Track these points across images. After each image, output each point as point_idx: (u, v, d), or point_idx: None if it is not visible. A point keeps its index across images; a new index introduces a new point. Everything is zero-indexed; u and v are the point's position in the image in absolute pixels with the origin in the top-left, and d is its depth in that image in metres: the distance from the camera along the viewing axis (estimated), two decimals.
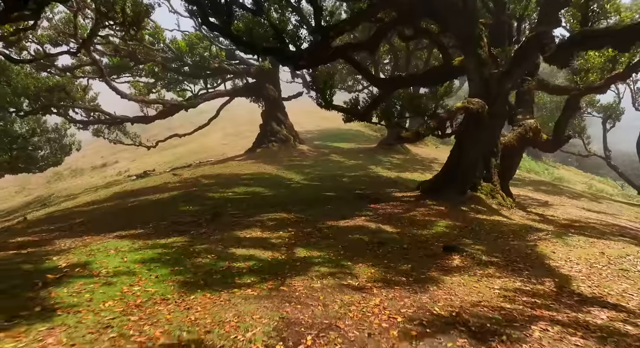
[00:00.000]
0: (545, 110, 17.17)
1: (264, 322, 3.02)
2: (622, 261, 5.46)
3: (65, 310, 3.03)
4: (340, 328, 3.03)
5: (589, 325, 3.32)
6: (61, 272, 3.93)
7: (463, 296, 3.92)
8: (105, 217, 8.71)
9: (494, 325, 3.22)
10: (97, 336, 2.66)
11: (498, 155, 9.90)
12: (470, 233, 6.72)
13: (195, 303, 3.37)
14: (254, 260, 4.76)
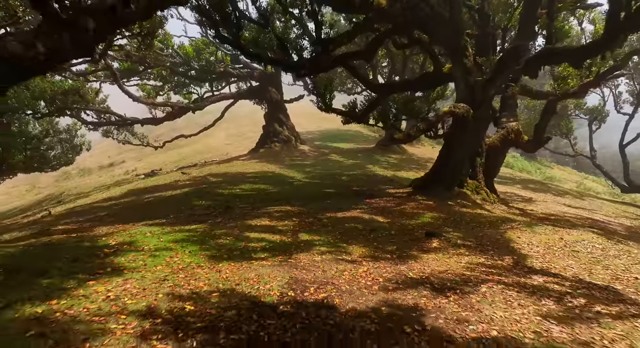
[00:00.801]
0: (533, 112, 18.18)
1: (278, 279, 4.06)
2: (576, 245, 6.49)
3: (129, 270, 4.07)
4: (335, 284, 4.07)
5: (526, 285, 4.35)
6: (113, 248, 4.97)
7: (434, 267, 4.96)
8: (126, 211, 9.76)
9: (453, 284, 4.26)
10: (158, 284, 3.70)
11: (483, 155, 10.93)
12: (451, 223, 7.75)
13: (223, 268, 4.41)
14: (265, 242, 5.80)
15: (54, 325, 2.77)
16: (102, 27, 3.07)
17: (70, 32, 2.82)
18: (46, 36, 2.71)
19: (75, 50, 2.93)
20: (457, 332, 3.08)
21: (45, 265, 4.07)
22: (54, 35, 2.72)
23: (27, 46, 2.59)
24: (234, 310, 3.26)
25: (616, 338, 3.07)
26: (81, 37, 2.91)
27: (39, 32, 2.70)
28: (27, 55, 2.58)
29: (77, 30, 2.87)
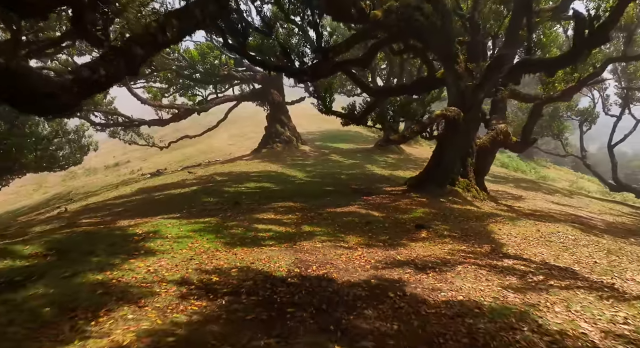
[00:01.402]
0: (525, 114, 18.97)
1: (285, 259, 4.86)
2: (551, 236, 7.27)
3: (159, 252, 4.87)
4: (333, 264, 4.86)
5: (497, 266, 5.14)
6: (142, 235, 5.77)
7: (420, 252, 5.75)
8: (141, 207, 10.55)
9: (433, 264, 5.05)
10: (186, 262, 4.50)
11: (473, 155, 11.72)
12: (441, 217, 8.53)
13: (238, 252, 5.21)
14: (272, 232, 6.60)
15: (113, 287, 3.56)
16: (146, 52, 3.86)
17: (124, 58, 3.61)
18: (106, 62, 3.49)
19: (127, 71, 3.71)
20: (430, 296, 3.87)
21: (89, 247, 4.87)
22: (113, 61, 3.51)
23: (93, 71, 3.37)
24: (250, 281, 4.05)
25: (557, 301, 3.86)
26: (132, 62, 3.69)
27: (101, 59, 3.48)
28: (92, 78, 3.36)
29: (129, 57, 3.66)
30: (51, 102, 3.02)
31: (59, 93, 3.03)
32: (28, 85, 2.82)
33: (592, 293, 4.21)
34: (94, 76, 3.37)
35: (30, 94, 2.86)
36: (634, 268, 5.49)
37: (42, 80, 2.94)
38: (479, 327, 3.28)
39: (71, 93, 3.15)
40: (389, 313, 3.42)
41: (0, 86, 2.68)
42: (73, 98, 3.20)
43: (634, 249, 6.91)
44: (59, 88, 3.06)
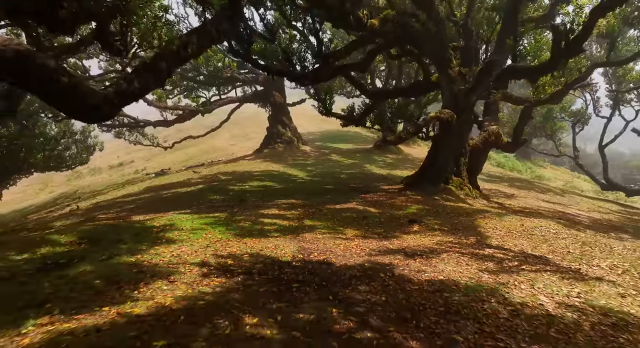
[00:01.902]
0: None
1: (290, 247, 5.52)
2: (534, 230, 7.92)
3: (179, 241, 5.54)
4: (332, 251, 5.52)
5: (478, 254, 5.80)
6: (160, 227, 6.43)
7: (410, 243, 6.41)
8: (151, 204, 11.21)
9: (421, 252, 5.70)
10: (204, 249, 5.16)
11: (466, 155, 12.37)
12: (433, 213, 9.18)
13: (248, 241, 5.87)
14: (277, 225, 7.26)
15: (145, 267, 4.23)
16: (170, 66, 4.51)
17: (152, 72, 4.26)
18: (139, 76, 4.14)
19: (155, 83, 4.36)
20: (415, 276, 4.53)
21: (116, 237, 5.53)
22: (144, 75, 4.15)
23: (129, 84, 4.02)
24: (260, 264, 4.71)
25: (524, 281, 4.52)
26: (159, 75, 4.34)
27: (134, 73, 4.13)
28: (129, 90, 4.01)
29: (156, 71, 4.30)
30: (96, 113, 3.68)
31: (102, 104, 3.68)
32: (80, 98, 3.47)
33: (557, 275, 4.87)
34: (130, 88, 4.02)
35: (81, 106, 3.51)
36: (602, 257, 6.16)
37: (89, 94, 3.59)
38: (454, 299, 3.94)
39: (112, 104, 3.80)
40: (379, 288, 4.08)
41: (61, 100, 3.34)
42: (113, 108, 3.85)
43: (609, 242, 7.58)
44: (103, 100, 3.71)
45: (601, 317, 3.71)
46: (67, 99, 3.40)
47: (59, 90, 3.26)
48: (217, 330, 2.73)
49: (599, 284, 4.61)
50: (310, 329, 2.91)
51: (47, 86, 3.21)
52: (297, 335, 2.77)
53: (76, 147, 23.00)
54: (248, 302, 3.36)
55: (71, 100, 3.42)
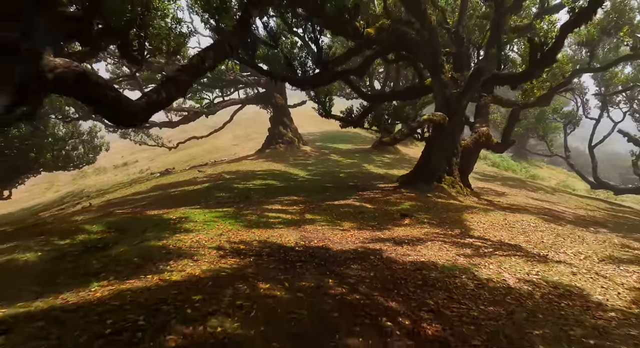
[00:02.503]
0: None
1: (293, 236, 6.33)
2: (515, 223, 8.72)
3: (195, 230, 6.34)
4: (330, 239, 6.33)
5: (459, 242, 6.60)
6: (176, 220, 7.24)
7: (400, 233, 7.21)
8: (162, 201, 12.01)
9: (408, 241, 6.51)
10: (218, 236, 5.96)
11: (458, 155, 13.17)
12: (424, 209, 9.98)
13: (256, 231, 6.67)
14: (281, 218, 8.06)
15: (172, 250, 5.04)
16: (190, 78, 5.30)
17: (175, 84, 5.05)
18: (165, 88, 4.93)
19: (177, 93, 5.15)
20: (400, 259, 5.33)
21: (140, 227, 6.34)
22: (169, 87, 4.95)
23: (158, 94, 4.82)
24: (268, 248, 5.52)
25: (493, 262, 5.33)
26: (181, 86, 5.13)
27: (161, 85, 4.93)
28: (158, 99, 4.80)
29: (179, 83, 5.10)
30: (134, 120, 4.48)
31: (138, 113, 4.48)
32: (122, 109, 4.26)
33: (524, 259, 5.67)
34: (158, 98, 4.82)
35: (123, 115, 4.31)
36: (571, 246, 6.96)
37: (129, 105, 4.38)
38: (431, 275, 4.74)
39: (146, 112, 4.60)
40: (369, 267, 4.89)
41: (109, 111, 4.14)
42: (146, 115, 4.65)
43: (584, 234, 8.38)
44: (139, 109, 4.50)
45: (551, 289, 4.52)
46: (113, 110, 4.20)
47: (108, 103, 4.05)
48: (238, 291, 3.53)
49: (558, 266, 5.41)
50: (311, 292, 3.71)
51: (100, 100, 4.01)
52: (301, 295, 3.58)
53: (83, 147, 23.83)
54: (260, 274, 4.16)
55: (116, 111, 4.22)
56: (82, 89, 3.92)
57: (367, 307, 3.51)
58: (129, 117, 4.38)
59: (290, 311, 3.18)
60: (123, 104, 4.25)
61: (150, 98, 4.74)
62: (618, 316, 3.84)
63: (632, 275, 5.34)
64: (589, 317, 3.78)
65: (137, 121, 4.60)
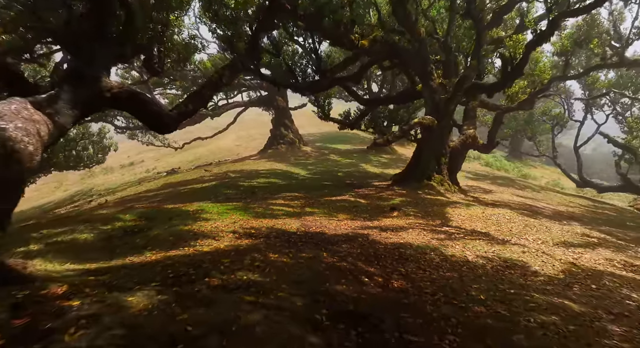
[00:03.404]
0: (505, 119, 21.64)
1: (295, 224, 7.54)
2: (491, 216, 9.91)
3: (212, 220, 7.56)
4: (326, 227, 7.54)
5: (436, 230, 7.80)
6: (194, 212, 8.45)
7: (387, 223, 8.41)
8: (174, 197, 13.23)
9: (393, 228, 7.71)
10: (232, 224, 7.18)
11: (447, 155, 14.37)
12: (413, 204, 11.17)
13: (263, 220, 7.88)
14: (284, 211, 9.28)
15: (197, 233, 6.25)
16: (211, 92, 6.50)
17: (199, 97, 6.25)
18: (191, 101, 6.13)
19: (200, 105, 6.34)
20: (383, 241, 6.54)
21: (166, 217, 7.56)
22: (194, 99, 6.15)
23: (186, 106, 6.00)
24: (275, 233, 6.73)
25: (460, 244, 6.53)
26: (203, 99, 6.33)
27: (188, 98, 6.12)
28: (186, 110, 5.99)
29: (201, 96, 6.30)
30: (169, 127, 5.69)
31: (173, 121, 5.68)
32: (161, 119, 5.46)
33: (487, 242, 6.88)
34: (187, 109, 6.02)
35: (161, 124, 5.51)
36: (534, 234, 8.17)
37: (166, 115, 5.57)
38: (406, 252, 5.95)
39: (177, 121, 5.80)
40: (356, 246, 6.10)
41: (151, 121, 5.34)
42: (178, 123, 5.85)
43: (552, 226, 9.59)
44: (172, 119, 5.70)
45: (501, 262, 5.72)
46: (155, 120, 5.40)
47: (151, 115, 5.25)
48: (254, 258, 4.74)
49: (513, 247, 6.62)
50: (309, 259, 4.92)
51: (145, 112, 5.22)
52: (302, 261, 4.79)
53: (93, 148, 25.11)
54: (270, 249, 5.37)
55: (157, 121, 5.42)
56: (133, 105, 5.12)
57: (351, 270, 4.72)
58: (165, 125, 5.59)
59: (294, 270, 4.39)
60: (162, 116, 5.46)
61: (180, 109, 5.96)
62: (544, 279, 5.05)
63: (573, 254, 6.56)
64: (522, 279, 4.99)
65: (172, 129, 5.82)
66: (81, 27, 5.92)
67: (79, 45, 5.04)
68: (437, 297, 4.06)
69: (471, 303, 3.92)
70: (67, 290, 2.97)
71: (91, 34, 5.37)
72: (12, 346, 2.16)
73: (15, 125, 3.46)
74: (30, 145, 3.55)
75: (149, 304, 2.83)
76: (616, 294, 4.72)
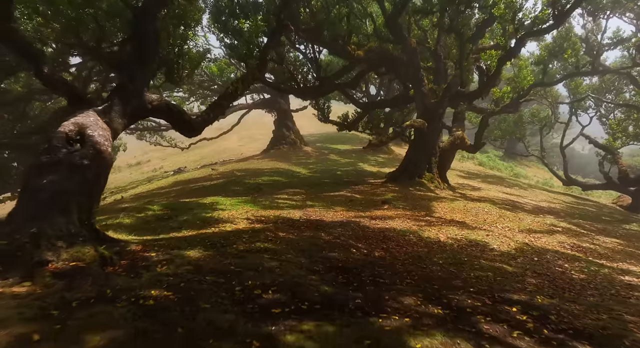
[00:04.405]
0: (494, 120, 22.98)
1: (298, 214, 8.93)
2: (471, 209, 11.29)
3: (227, 210, 8.94)
4: (325, 216, 8.92)
5: (419, 219, 9.16)
6: (210, 204, 9.83)
7: (378, 214, 9.78)
8: (186, 193, 14.60)
9: (382, 218, 9.08)
10: (245, 212, 8.56)
11: (437, 155, 15.72)
12: (403, 199, 12.53)
13: (270, 211, 9.26)
14: (288, 204, 10.66)
15: (217, 219, 7.64)
16: (227, 102, 7.87)
17: (217, 107, 7.64)
18: (212, 110, 7.50)
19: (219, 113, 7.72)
20: (371, 226, 7.91)
21: (187, 207, 8.94)
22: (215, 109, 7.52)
23: (208, 114, 7.38)
24: (281, 219, 8.11)
25: (436, 228, 7.91)
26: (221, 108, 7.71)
27: (209, 108, 7.50)
28: (208, 118, 7.37)
29: (220, 106, 7.69)
30: (196, 132, 7.06)
31: (199, 128, 7.05)
32: (191, 126, 6.83)
33: (459, 228, 8.24)
34: (209, 117, 7.39)
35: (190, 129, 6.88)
36: (505, 223, 9.55)
37: (194, 123, 6.94)
38: (390, 234, 7.31)
39: (202, 127, 7.16)
40: (349, 229, 7.47)
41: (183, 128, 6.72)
42: (201, 129, 7.21)
43: (525, 217, 10.98)
44: (198, 125, 7.06)
45: (467, 242, 7.09)
46: (185, 127, 6.76)
47: (183, 122, 6.62)
48: (267, 235, 6.11)
49: (480, 231, 7.99)
50: (310, 237, 6.30)
51: (178, 120, 6.59)
52: (304, 238, 6.16)
53: None
54: (278, 229, 6.75)
55: (187, 127, 6.78)
56: (168, 114, 6.50)
57: (343, 244, 6.09)
58: (193, 130, 6.96)
59: (299, 242, 5.76)
60: (191, 123, 6.83)
61: (204, 117, 7.33)
62: (496, 253, 6.42)
63: (531, 238, 7.93)
64: (478, 253, 6.36)
65: (198, 133, 7.19)
66: (124, 50, 7.31)
67: (124, 66, 6.40)
68: (406, 261, 5.43)
69: (431, 265, 5.29)
70: (143, 248, 4.35)
71: (133, 56, 6.75)
72: (127, 272, 3.54)
73: (98, 132, 4.81)
74: (109, 147, 4.90)
75: (201, 256, 4.21)
76: (551, 264, 6.08)
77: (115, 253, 3.95)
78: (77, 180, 4.12)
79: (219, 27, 14.03)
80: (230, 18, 13.19)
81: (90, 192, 4.30)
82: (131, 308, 2.71)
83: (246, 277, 3.67)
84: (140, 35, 6.81)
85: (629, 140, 19.00)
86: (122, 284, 3.12)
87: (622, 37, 15.24)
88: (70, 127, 4.75)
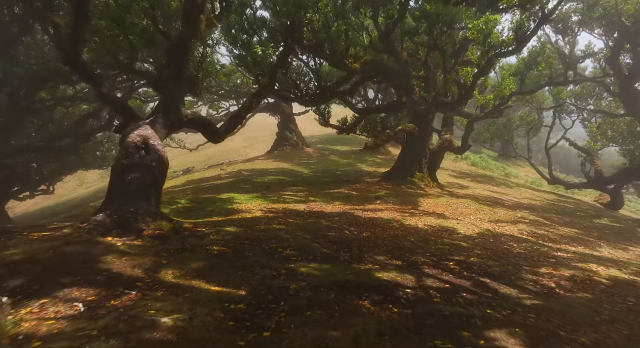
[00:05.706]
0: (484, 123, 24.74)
1: (302, 206, 10.74)
2: (453, 204, 13.08)
3: (243, 203, 10.77)
4: (325, 208, 10.73)
5: (404, 211, 10.95)
6: (227, 199, 11.65)
7: (370, 207, 11.57)
8: (200, 191, 16.39)
9: (374, 210, 10.88)
10: (258, 205, 10.37)
11: (427, 157, 17.51)
12: (394, 195, 14.32)
13: (278, 204, 11.07)
14: (293, 199, 12.46)
15: (237, 209, 9.46)
16: (244, 113, 9.66)
17: (237, 117, 9.42)
18: (233, 120, 9.30)
19: (238, 123, 9.49)
20: (363, 216, 9.72)
21: (209, 201, 10.75)
22: (235, 119, 9.34)
23: (229, 123, 9.14)
24: (289, 211, 9.92)
25: (416, 218, 9.71)
26: (239, 118, 9.51)
27: (230, 118, 9.29)
28: (230, 126, 9.14)
29: (238, 117, 9.47)
30: (221, 139, 8.87)
31: (222, 134, 8.85)
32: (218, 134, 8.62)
33: (436, 217, 10.02)
34: (230, 126, 9.18)
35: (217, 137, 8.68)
36: (478, 215, 11.34)
37: (219, 131, 8.71)
38: (377, 222, 9.11)
39: (225, 135, 8.96)
40: (344, 218, 9.27)
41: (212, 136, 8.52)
42: (225, 136, 9.01)
43: (500, 211, 12.76)
44: (222, 133, 8.86)
45: (439, 228, 8.88)
46: (213, 135, 8.57)
47: (211, 130, 8.42)
48: (279, 220, 7.91)
49: (452, 220, 9.77)
50: (312, 222, 8.10)
51: (208, 130, 8.40)
52: (308, 223, 7.96)
53: (115, 149, 28.48)
54: (286, 217, 8.56)
55: (214, 135, 8.59)
56: (201, 125, 8.31)
57: (339, 227, 7.89)
58: (219, 137, 8.79)
59: (304, 226, 7.56)
60: (218, 132, 8.65)
61: (226, 126, 9.15)
62: (460, 236, 8.21)
63: (496, 226, 9.71)
64: (446, 235, 8.15)
65: (222, 140, 9.03)
66: (164, 74, 9.13)
67: (164, 86, 8.19)
68: (386, 239, 7.24)
69: (404, 241, 7.10)
70: (194, 225, 6.17)
71: (170, 79, 8.55)
72: (191, 239, 5.34)
73: (157, 142, 6.57)
74: (165, 153, 6.68)
75: (237, 230, 6.03)
76: (501, 244, 7.87)
77: (179, 227, 5.77)
78: (150, 177, 5.94)
79: (229, 40, 15.84)
80: (239, 33, 15.01)
81: (157, 186, 6.11)
82: (205, 254, 4.52)
83: (270, 242, 5.48)
84: (176, 62, 8.62)
85: (608, 143, 20.78)
86: (194, 243, 4.94)
87: (593, 50, 17.04)
88: (137, 138, 6.56)
